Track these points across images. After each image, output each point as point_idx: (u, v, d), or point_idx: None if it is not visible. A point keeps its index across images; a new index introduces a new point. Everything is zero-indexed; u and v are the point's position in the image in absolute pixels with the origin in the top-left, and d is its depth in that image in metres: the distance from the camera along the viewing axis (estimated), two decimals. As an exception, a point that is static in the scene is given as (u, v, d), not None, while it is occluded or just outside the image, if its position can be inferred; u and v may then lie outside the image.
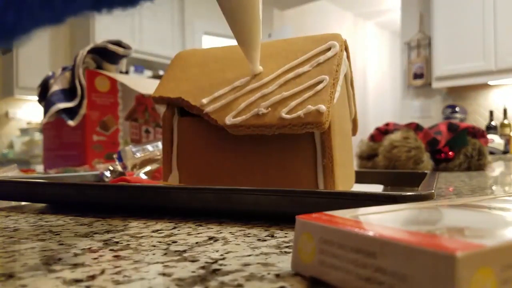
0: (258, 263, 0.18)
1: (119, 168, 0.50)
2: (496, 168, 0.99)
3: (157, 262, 0.19)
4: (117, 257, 0.20)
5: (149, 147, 0.53)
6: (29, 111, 3.22)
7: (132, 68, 3.27)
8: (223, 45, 0.45)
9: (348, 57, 0.42)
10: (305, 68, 0.37)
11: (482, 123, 2.80)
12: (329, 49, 0.38)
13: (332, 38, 0.39)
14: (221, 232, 0.25)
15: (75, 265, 0.18)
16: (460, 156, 0.90)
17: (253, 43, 0.37)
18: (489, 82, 2.70)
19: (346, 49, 0.41)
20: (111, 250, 0.21)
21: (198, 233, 0.25)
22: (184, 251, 0.21)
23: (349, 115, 0.45)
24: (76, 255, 0.20)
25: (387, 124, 0.99)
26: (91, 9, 0.19)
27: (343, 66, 0.39)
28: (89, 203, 0.36)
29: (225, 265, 0.18)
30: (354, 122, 0.48)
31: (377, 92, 5.75)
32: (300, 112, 0.34)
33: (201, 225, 0.27)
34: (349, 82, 0.45)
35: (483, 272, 0.12)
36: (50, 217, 0.32)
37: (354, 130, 0.48)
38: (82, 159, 0.80)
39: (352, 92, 0.45)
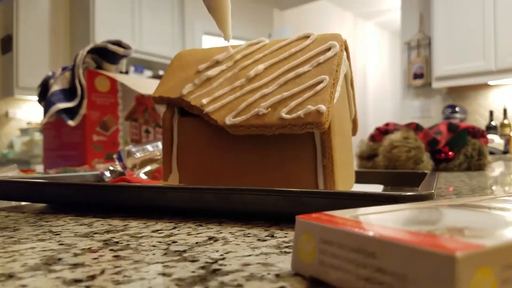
0: (258, 263, 0.18)
1: (119, 168, 0.50)
2: (496, 168, 0.99)
3: (157, 262, 0.19)
4: (117, 257, 0.20)
5: (149, 147, 0.53)
6: (29, 111, 3.21)
7: (132, 68, 3.27)
8: (223, 45, 0.45)
9: (348, 57, 0.42)
10: (305, 68, 0.37)
11: (482, 123, 2.80)
12: (329, 49, 0.38)
13: (332, 38, 0.39)
14: (221, 232, 0.25)
15: (75, 265, 0.18)
16: (460, 156, 0.90)
17: (223, 9, 0.40)
18: (489, 82, 2.70)
19: (346, 49, 0.41)
20: (111, 250, 0.21)
21: (198, 233, 0.25)
22: (184, 251, 0.21)
23: (349, 115, 0.45)
24: (76, 255, 0.20)
25: (387, 124, 0.99)
26: None
27: (343, 66, 0.39)
28: (89, 203, 0.36)
29: (225, 265, 0.18)
30: (354, 122, 0.48)
31: (377, 92, 5.75)
32: (300, 112, 0.34)
33: (201, 225, 0.27)
34: (349, 82, 0.45)
35: (483, 272, 0.12)
36: (50, 217, 0.32)
37: (354, 130, 0.48)
38: (82, 159, 0.80)
39: (352, 92, 0.45)
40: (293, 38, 0.41)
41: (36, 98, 0.90)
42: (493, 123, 2.64)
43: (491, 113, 2.68)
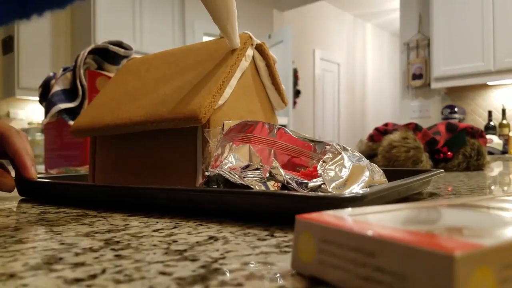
0: (258, 262, 0.19)
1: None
2: (495, 168, 0.99)
3: (158, 262, 0.19)
4: (118, 256, 0.20)
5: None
6: (30, 112, 3.21)
7: (132, 69, 3.27)
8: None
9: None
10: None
11: (481, 123, 2.80)
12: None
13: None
14: (221, 232, 0.25)
15: (76, 265, 0.18)
16: (459, 156, 0.90)
17: (229, 17, 0.39)
18: (488, 83, 2.70)
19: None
20: (112, 249, 0.21)
21: (199, 233, 0.25)
22: (185, 250, 0.21)
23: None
24: (77, 254, 0.20)
25: (386, 125, 0.99)
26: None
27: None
28: (91, 203, 0.36)
29: (225, 264, 0.18)
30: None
31: (376, 93, 5.76)
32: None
33: (201, 225, 0.28)
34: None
35: (481, 271, 0.12)
36: (52, 216, 0.32)
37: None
38: (83, 159, 0.80)
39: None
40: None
41: (37, 98, 0.90)
42: (492, 123, 2.65)
43: (489, 113, 2.69)
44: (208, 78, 0.39)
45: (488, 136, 2.33)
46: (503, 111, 2.63)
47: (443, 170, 0.47)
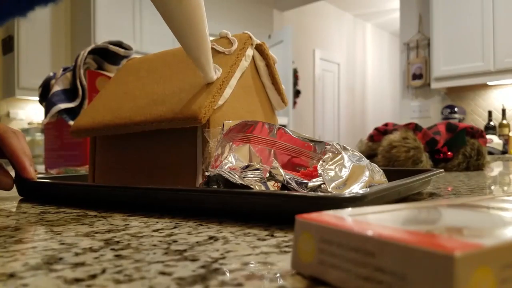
0: (258, 262, 0.19)
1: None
2: (495, 168, 0.99)
3: (158, 262, 0.19)
4: (118, 256, 0.20)
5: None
6: (30, 112, 3.21)
7: (132, 69, 3.27)
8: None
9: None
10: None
11: (481, 123, 2.80)
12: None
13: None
14: (221, 232, 0.25)
15: (76, 265, 0.18)
16: (459, 156, 0.90)
17: (203, 49, 0.36)
18: (488, 83, 2.70)
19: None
20: (112, 249, 0.21)
21: (199, 233, 0.25)
22: (185, 250, 0.21)
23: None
24: (77, 254, 0.20)
25: (386, 124, 0.99)
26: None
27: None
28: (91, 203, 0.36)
29: (225, 264, 0.18)
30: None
31: (376, 93, 5.76)
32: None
33: (201, 225, 0.28)
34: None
35: (481, 271, 0.12)
36: (52, 216, 0.32)
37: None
38: (83, 159, 0.80)
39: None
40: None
41: (37, 98, 0.90)
42: (492, 123, 2.65)
43: (489, 113, 2.69)
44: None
45: (488, 136, 2.33)
46: (503, 111, 2.63)
47: (443, 170, 0.46)
